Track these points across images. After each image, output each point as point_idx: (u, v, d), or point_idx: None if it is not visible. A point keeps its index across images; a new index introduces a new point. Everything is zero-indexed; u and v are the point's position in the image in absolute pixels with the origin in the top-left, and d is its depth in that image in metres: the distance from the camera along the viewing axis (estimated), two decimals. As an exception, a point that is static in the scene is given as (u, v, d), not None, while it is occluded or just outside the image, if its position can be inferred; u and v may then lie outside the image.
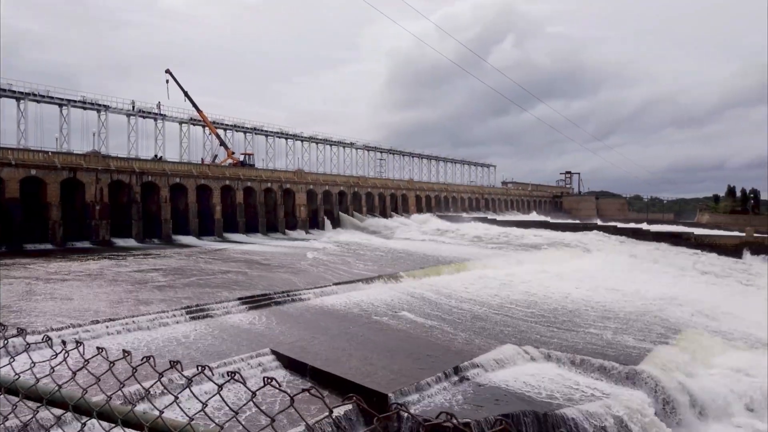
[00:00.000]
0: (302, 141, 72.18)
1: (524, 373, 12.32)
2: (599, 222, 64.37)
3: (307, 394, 1.56)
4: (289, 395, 1.40)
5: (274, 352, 12.44)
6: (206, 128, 60.33)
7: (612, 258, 37.45)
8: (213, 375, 1.54)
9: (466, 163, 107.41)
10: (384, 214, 65.80)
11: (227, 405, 1.64)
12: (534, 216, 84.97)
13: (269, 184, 52.77)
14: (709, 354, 15.07)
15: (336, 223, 58.51)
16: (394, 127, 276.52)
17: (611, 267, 33.78)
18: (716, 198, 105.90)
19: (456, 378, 11.40)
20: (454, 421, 1.09)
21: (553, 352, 13.72)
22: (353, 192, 63.06)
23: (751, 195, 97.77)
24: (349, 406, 9.20)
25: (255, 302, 17.88)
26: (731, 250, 41.13)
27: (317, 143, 74.30)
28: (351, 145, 78.90)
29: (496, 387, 11.26)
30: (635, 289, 25.51)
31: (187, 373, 1.65)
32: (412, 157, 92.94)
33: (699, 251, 41.23)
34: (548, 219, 69.54)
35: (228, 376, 1.48)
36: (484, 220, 63.59)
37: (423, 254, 35.17)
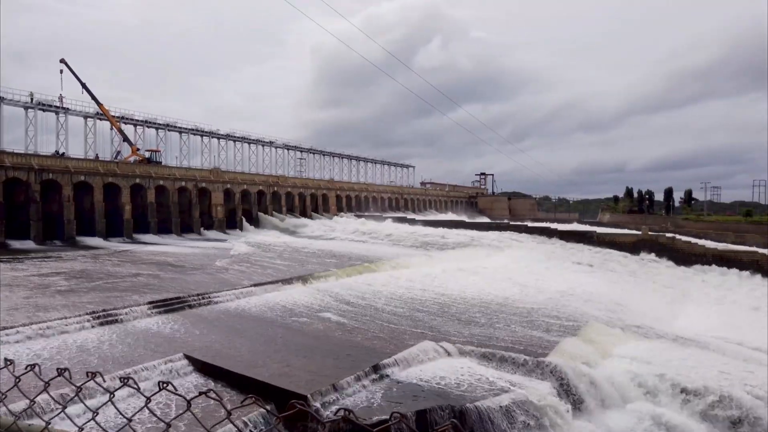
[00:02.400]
0: (219, 138, 70.02)
1: (441, 369, 12.62)
2: (511, 221, 67.15)
3: (221, 399, 1.50)
4: (186, 399, 1.35)
5: (187, 357, 11.97)
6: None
7: (523, 255, 39.22)
8: (104, 382, 1.45)
9: (386, 163, 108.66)
10: (304, 214, 65.16)
11: (119, 412, 1.55)
12: (451, 216, 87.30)
13: (183, 183, 50.74)
14: (610, 344, 16.11)
15: (255, 224, 57.25)
16: (318, 126, 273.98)
17: (522, 264, 35.38)
18: (616, 199, 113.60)
19: (375, 376, 11.50)
20: (351, 416, 1.10)
21: (469, 347, 14.14)
22: (273, 191, 61.95)
23: (647, 196, 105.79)
24: (263, 409, 9.01)
25: (167, 306, 17.13)
26: (629, 247, 44.34)
27: (235, 141, 72.35)
28: (270, 143, 77.49)
29: (414, 383, 11.46)
30: (545, 284, 26.87)
31: (77, 381, 1.55)
32: (333, 156, 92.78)
33: (601, 248, 44.12)
34: (464, 219, 71.73)
35: (122, 382, 1.41)
36: (404, 220, 64.55)
37: (343, 254, 35.18)
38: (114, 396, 1.50)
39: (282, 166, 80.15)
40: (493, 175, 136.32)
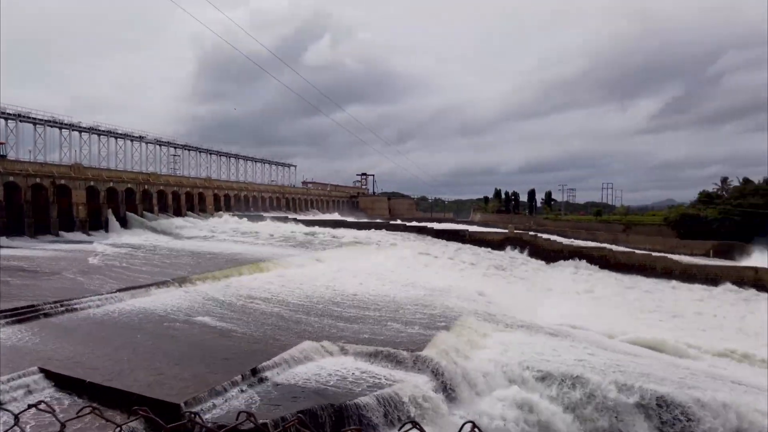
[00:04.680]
0: (81, 132, 64.12)
1: (322, 368, 12.71)
2: (391, 221, 68.97)
3: (90, 415, 1.45)
4: (60, 421, 1.29)
5: (43, 371, 10.91)
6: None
7: (402, 254, 40.51)
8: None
9: (267, 162, 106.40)
10: (179, 214, 61.85)
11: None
12: (333, 215, 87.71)
13: (38, 180, 45.90)
14: (480, 336, 17.21)
15: (123, 224, 53.28)
16: (198, 121, 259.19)
17: (401, 262, 36.56)
18: (486, 199, 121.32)
19: (254, 379, 11.30)
20: (253, 419, 1.14)
21: (349, 345, 14.37)
22: (143, 190, 58.08)
23: (513, 197, 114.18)
24: (135, 423, 8.52)
25: (19, 315, 15.47)
26: (497, 244, 47.56)
27: (100, 135, 66.72)
28: (140, 138, 72.49)
29: (294, 384, 11.43)
30: (422, 281, 27.99)
31: None
32: (210, 154, 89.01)
33: (473, 246, 46.86)
34: (346, 218, 72.41)
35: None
36: (285, 219, 63.74)
37: (222, 255, 33.97)
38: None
39: (154, 163, 75.32)
40: (373, 175, 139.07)
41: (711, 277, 40.03)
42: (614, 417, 12.76)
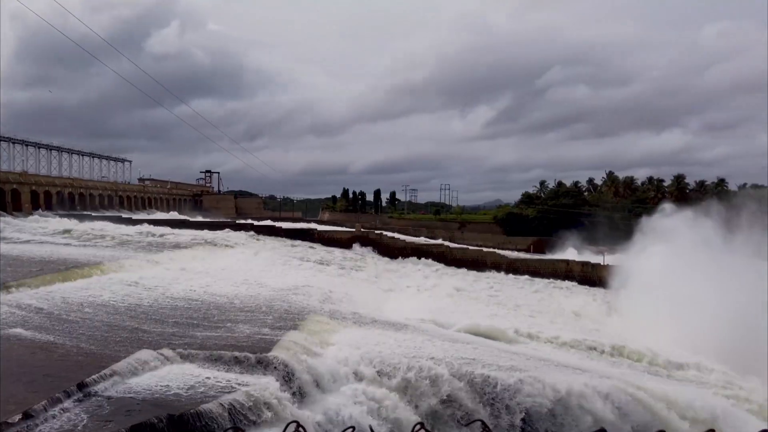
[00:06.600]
0: None
1: (161, 377, 11.97)
2: (238, 220, 66.96)
3: None
4: None
5: None
6: None
7: (249, 254, 39.56)
8: None
9: (97, 156, 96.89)
10: (-15, 213, 53.75)
11: None
12: (174, 214, 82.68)
13: None
14: (328, 334, 17.51)
15: None
16: (16, 108, 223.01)
17: (250, 262, 35.70)
18: (334, 199, 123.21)
19: (80, 395, 10.28)
20: None
21: (192, 351, 13.71)
22: (-63, 185, 49.54)
23: (360, 196, 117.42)
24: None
25: None
26: (345, 242, 48.60)
27: None
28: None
29: (128, 397, 10.62)
30: (270, 281, 27.62)
31: None
32: (27, 145, 78.70)
33: (322, 245, 47.35)
34: (188, 218, 68.76)
35: None
36: (119, 219, 58.64)
37: (43, 259, 30.20)
38: None
39: (-49, 153, 64.62)
40: (218, 173, 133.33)
41: (532, 270, 45.00)
42: (449, 399, 13.88)
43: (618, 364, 21.68)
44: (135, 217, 65.16)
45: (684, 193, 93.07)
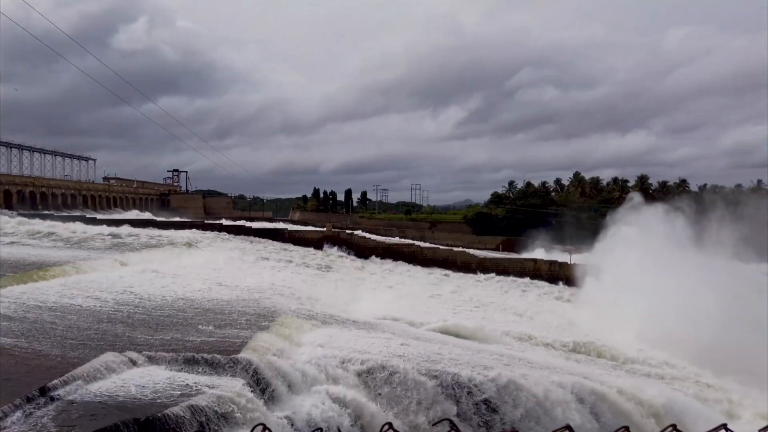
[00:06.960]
0: None
1: (127, 381, 11.73)
2: (207, 220, 66.03)
3: None
4: None
5: None
6: None
7: (218, 254, 39.04)
8: None
9: (59, 154, 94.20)
10: (-60, 213, 51.74)
11: None
12: (140, 214, 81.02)
13: None
14: (299, 334, 17.42)
15: None
16: None
17: (220, 263, 35.20)
18: (305, 198, 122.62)
19: (43, 400, 10.01)
20: None
21: (160, 354, 13.48)
22: None
23: (330, 196, 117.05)
24: None
25: None
26: (316, 242, 48.40)
27: None
28: None
29: (92, 402, 10.38)
30: (240, 282, 27.31)
31: None
32: (-17, 143, 76.04)
33: (292, 245, 47.04)
34: (155, 218, 67.51)
35: None
36: (82, 219, 57.15)
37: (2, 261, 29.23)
38: None
39: None
40: (186, 172, 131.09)
41: (501, 269, 45.60)
42: (418, 399, 13.97)
43: (585, 361, 22.18)
44: (100, 216, 63.66)
45: (647, 193, 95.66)
